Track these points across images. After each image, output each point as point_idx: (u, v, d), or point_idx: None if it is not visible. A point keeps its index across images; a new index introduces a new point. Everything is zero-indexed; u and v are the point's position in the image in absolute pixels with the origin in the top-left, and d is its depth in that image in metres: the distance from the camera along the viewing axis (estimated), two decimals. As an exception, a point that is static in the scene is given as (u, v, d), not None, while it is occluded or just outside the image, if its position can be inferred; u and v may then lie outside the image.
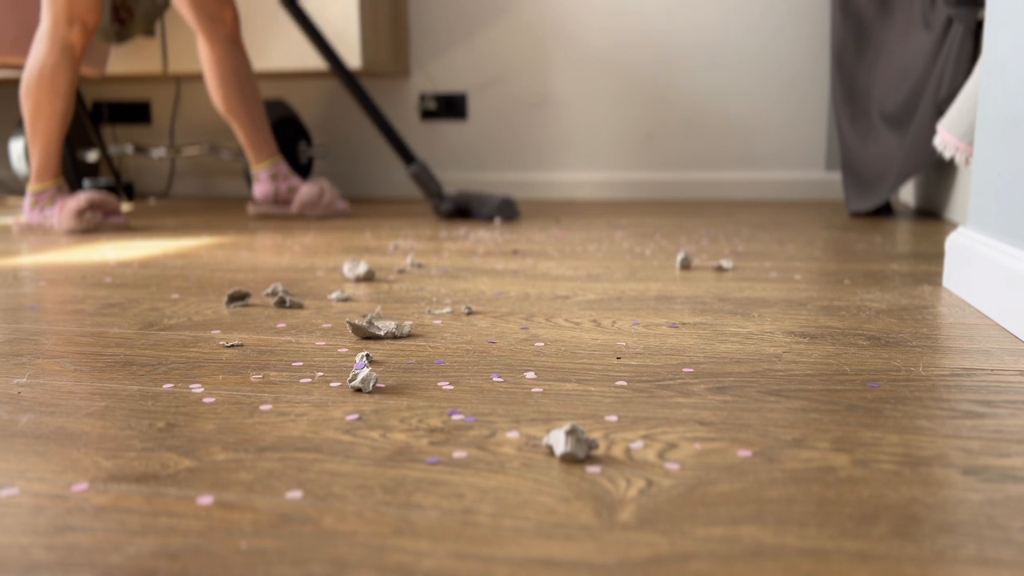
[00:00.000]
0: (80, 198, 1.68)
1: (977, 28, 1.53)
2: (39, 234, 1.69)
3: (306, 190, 1.88)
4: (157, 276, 1.15)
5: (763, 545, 0.38)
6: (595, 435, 0.52)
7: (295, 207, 1.87)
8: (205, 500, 0.44)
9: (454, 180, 2.56)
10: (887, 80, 1.86)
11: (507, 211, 1.86)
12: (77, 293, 1.03)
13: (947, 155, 1.46)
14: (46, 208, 1.72)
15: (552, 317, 0.87)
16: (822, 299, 0.94)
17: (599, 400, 0.59)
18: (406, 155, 1.87)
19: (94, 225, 1.69)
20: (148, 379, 0.66)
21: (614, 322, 0.84)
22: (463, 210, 1.89)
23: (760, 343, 0.75)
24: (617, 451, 0.50)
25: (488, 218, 1.86)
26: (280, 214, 1.91)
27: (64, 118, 1.71)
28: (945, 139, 1.46)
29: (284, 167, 1.91)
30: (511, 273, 1.14)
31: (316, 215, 1.90)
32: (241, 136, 1.88)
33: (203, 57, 1.83)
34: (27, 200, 1.72)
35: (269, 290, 0.99)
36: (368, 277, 1.10)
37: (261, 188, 1.90)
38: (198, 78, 2.61)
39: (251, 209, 1.93)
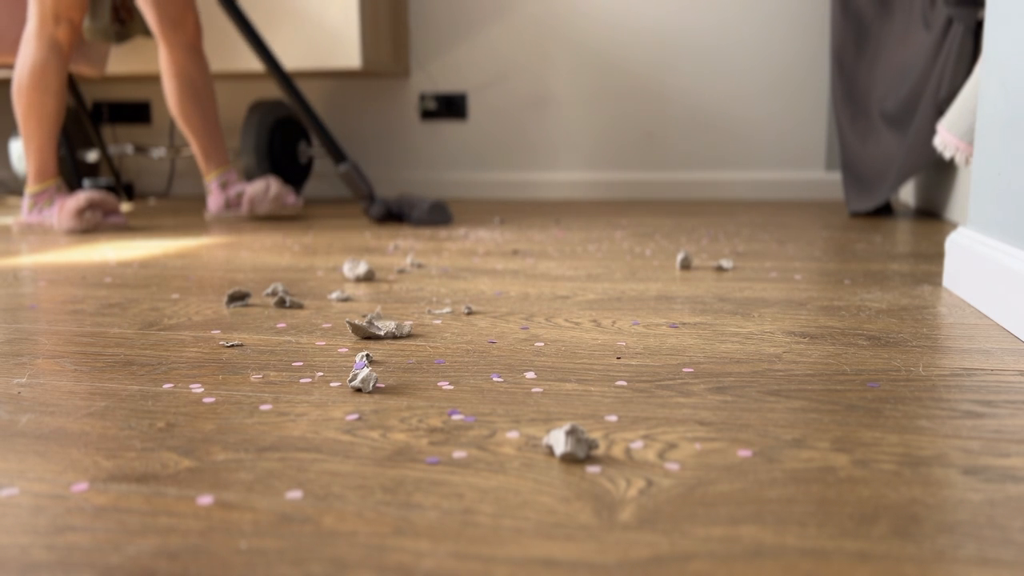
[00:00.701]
0: (80, 197, 1.68)
1: (977, 28, 1.53)
2: (39, 234, 1.69)
3: (251, 188, 1.87)
4: (157, 276, 1.15)
5: (763, 545, 0.38)
6: (595, 435, 0.52)
7: (244, 207, 1.87)
8: (205, 500, 0.44)
9: (454, 180, 2.56)
10: (887, 80, 1.86)
11: (438, 216, 1.78)
12: (77, 293, 1.03)
13: (947, 155, 1.46)
14: (44, 209, 1.72)
15: (552, 317, 0.87)
16: (822, 299, 0.94)
17: (599, 400, 0.59)
18: (337, 154, 1.83)
19: (93, 225, 1.69)
20: (148, 379, 0.66)
21: (614, 322, 0.84)
22: (395, 214, 1.83)
23: (760, 343, 0.75)
24: (617, 451, 0.50)
25: (419, 224, 1.78)
26: (232, 216, 1.91)
27: (57, 117, 1.72)
28: (945, 139, 1.46)
29: (232, 175, 1.91)
30: (511, 273, 1.14)
31: (265, 211, 1.88)
32: (193, 144, 1.88)
33: (161, 62, 1.82)
34: (25, 202, 1.72)
35: (269, 290, 0.99)
36: (368, 277, 1.10)
37: (213, 199, 1.90)
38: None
39: (206, 216, 1.93)
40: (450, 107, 2.53)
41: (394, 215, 1.84)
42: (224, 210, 1.90)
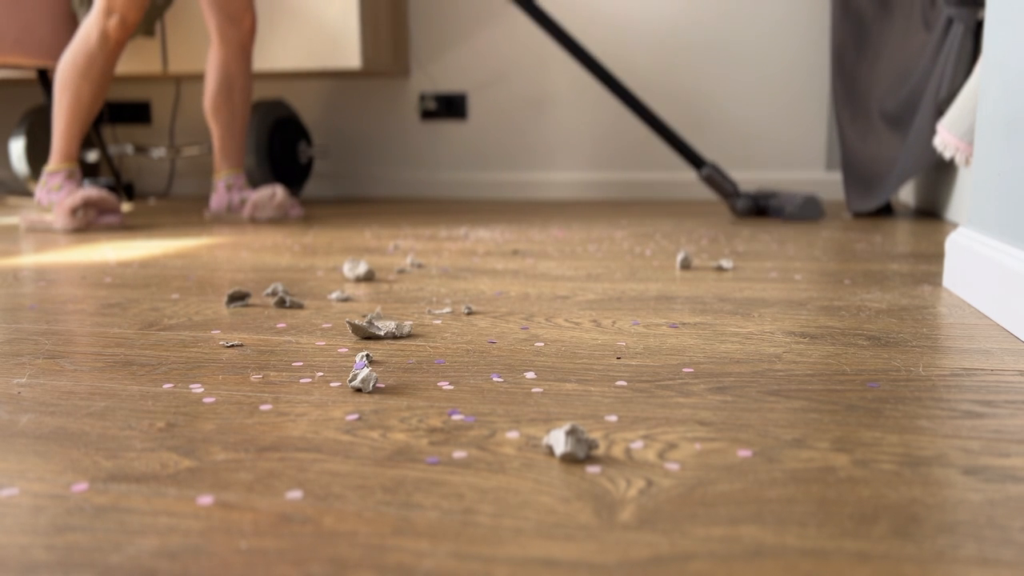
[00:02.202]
0: (76, 196, 1.69)
1: (977, 28, 1.53)
2: (41, 231, 1.70)
3: (257, 194, 1.89)
4: (157, 276, 1.15)
5: (763, 545, 0.38)
6: (595, 435, 0.52)
7: (246, 210, 1.89)
8: (205, 500, 0.44)
9: (454, 180, 2.56)
10: (887, 80, 1.86)
11: (810, 211, 1.75)
12: (77, 293, 1.03)
13: (947, 155, 1.46)
14: (53, 192, 1.76)
15: (552, 317, 0.87)
16: (822, 299, 0.94)
17: (599, 400, 0.59)
18: (695, 160, 1.83)
19: (85, 224, 1.70)
20: (148, 379, 0.66)
21: (614, 322, 0.84)
22: (761, 208, 1.83)
23: (760, 343, 0.75)
24: (617, 451, 0.50)
25: (790, 218, 1.75)
26: (233, 219, 1.92)
27: (89, 105, 1.75)
28: (945, 139, 1.46)
29: (241, 180, 1.92)
30: (511, 273, 1.14)
31: (266, 217, 1.88)
32: (215, 141, 1.90)
33: (209, 56, 1.86)
34: (41, 178, 1.76)
35: (269, 290, 0.99)
36: (368, 277, 1.10)
37: (216, 198, 1.92)
38: (198, 78, 2.61)
39: (206, 215, 1.95)
40: (450, 107, 2.53)
41: (760, 209, 1.83)
42: (224, 211, 1.91)
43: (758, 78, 2.35)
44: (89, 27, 1.72)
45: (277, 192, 1.90)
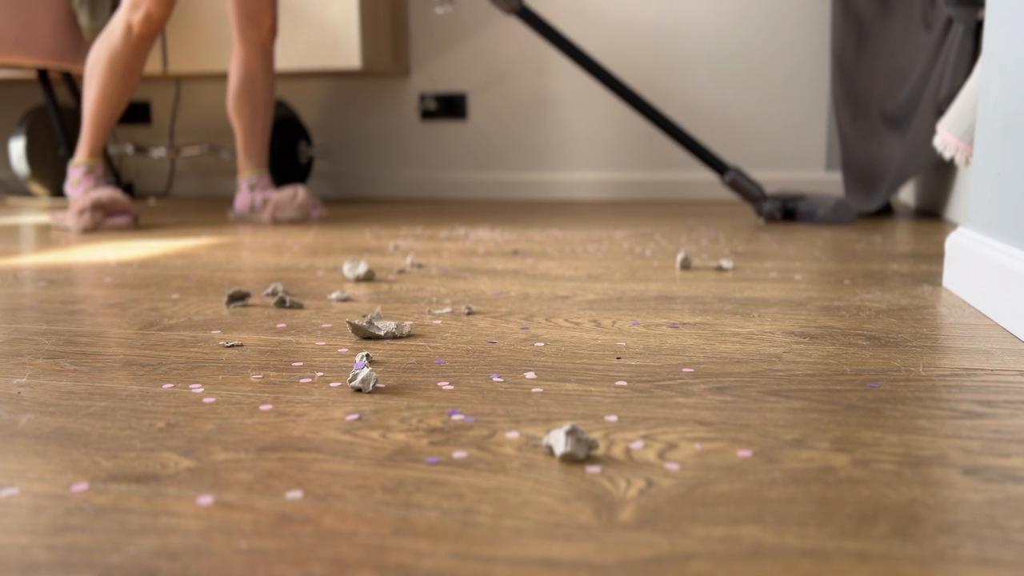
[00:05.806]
0: (87, 197, 1.71)
1: (977, 28, 1.53)
2: (62, 229, 1.74)
3: (279, 194, 1.89)
4: (157, 276, 1.15)
5: (763, 545, 0.38)
6: (595, 435, 0.52)
7: (268, 212, 1.88)
8: (205, 500, 0.44)
9: (454, 180, 2.56)
10: (887, 80, 1.86)
11: (843, 215, 1.67)
12: (77, 293, 1.03)
13: (947, 155, 1.46)
14: (73, 187, 1.81)
15: (552, 317, 0.87)
16: (822, 299, 0.94)
17: (599, 400, 0.59)
18: (718, 165, 1.76)
19: (92, 225, 1.71)
20: (148, 379, 0.66)
21: (614, 322, 0.84)
22: (789, 212, 1.77)
23: (760, 343, 0.75)
24: (617, 451, 0.50)
25: (822, 223, 1.67)
26: (255, 219, 1.92)
27: (113, 98, 1.77)
28: (945, 139, 1.46)
29: (264, 179, 1.92)
30: (511, 273, 1.14)
31: (287, 218, 1.88)
32: (238, 140, 1.91)
33: (232, 56, 1.87)
34: (68, 169, 1.82)
35: (269, 290, 0.99)
36: (368, 277, 1.10)
37: (239, 199, 1.93)
38: (198, 78, 2.61)
39: (230, 215, 1.96)
40: (450, 107, 2.53)
41: (788, 213, 1.78)
42: (248, 212, 1.91)
43: (758, 78, 2.35)
44: (116, 20, 1.74)
45: (299, 192, 1.89)
